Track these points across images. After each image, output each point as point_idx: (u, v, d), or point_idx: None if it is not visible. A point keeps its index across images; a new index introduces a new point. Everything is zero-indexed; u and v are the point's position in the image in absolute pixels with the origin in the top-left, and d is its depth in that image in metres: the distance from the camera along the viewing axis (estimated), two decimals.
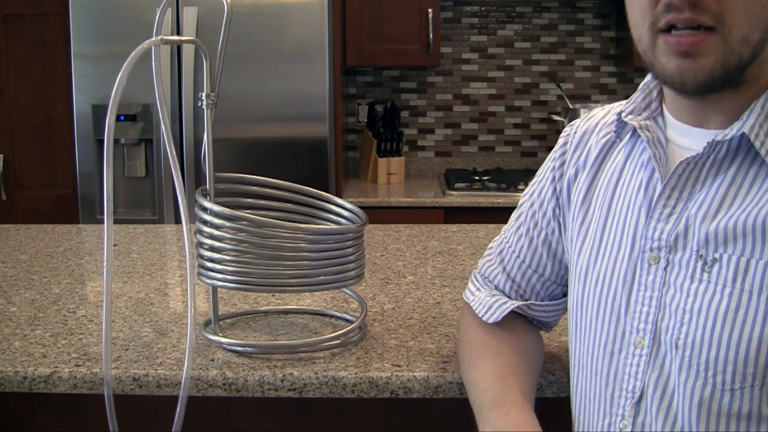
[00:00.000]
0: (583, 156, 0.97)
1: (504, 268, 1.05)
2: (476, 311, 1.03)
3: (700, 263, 0.79)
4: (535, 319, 1.07)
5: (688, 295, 0.79)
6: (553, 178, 1.00)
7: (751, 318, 0.75)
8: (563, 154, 1.00)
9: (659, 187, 0.84)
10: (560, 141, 1.02)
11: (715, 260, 0.78)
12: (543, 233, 1.02)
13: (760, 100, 0.79)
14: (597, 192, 0.93)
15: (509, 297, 1.05)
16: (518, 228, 1.05)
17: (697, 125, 0.83)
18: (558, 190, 1.00)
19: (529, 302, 1.03)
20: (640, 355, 0.83)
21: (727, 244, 0.77)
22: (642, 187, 0.86)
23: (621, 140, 0.93)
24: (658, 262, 0.82)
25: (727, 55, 0.75)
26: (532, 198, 1.03)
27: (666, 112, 0.88)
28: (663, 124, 0.88)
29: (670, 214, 0.82)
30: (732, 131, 0.78)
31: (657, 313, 0.82)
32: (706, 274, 0.78)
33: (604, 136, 0.95)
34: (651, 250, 0.83)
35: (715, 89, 0.78)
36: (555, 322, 1.08)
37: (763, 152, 0.77)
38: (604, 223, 0.90)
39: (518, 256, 1.04)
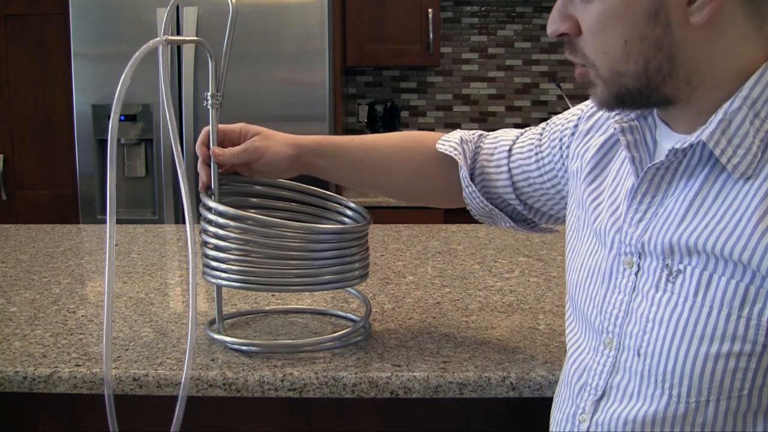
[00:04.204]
0: (591, 133, 0.97)
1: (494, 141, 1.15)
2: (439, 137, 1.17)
3: (665, 273, 0.78)
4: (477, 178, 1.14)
5: (652, 304, 0.78)
6: (561, 138, 1.04)
7: (709, 334, 0.73)
8: (576, 126, 1.02)
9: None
10: (580, 107, 1.03)
11: (679, 271, 0.76)
12: (541, 161, 1.07)
13: (724, 105, 0.75)
14: (603, 182, 0.92)
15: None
16: (538, 133, 1.10)
17: (672, 126, 0.82)
18: (564, 155, 1.03)
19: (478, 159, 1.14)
20: (608, 356, 0.83)
21: (691, 256, 0.75)
22: (629, 188, 0.85)
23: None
24: (631, 266, 0.82)
25: (608, 86, 0.78)
26: (555, 130, 1.07)
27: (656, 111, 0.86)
28: (653, 124, 0.86)
29: (640, 220, 0.81)
30: (690, 139, 0.76)
31: (624, 317, 0.82)
32: (670, 285, 0.77)
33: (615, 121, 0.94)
34: (626, 254, 0.83)
35: (629, 108, 0.81)
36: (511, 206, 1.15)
37: (724, 160, 0.74)
38: (597, 216, 0.89)
39: (515, 147, 1.11)
